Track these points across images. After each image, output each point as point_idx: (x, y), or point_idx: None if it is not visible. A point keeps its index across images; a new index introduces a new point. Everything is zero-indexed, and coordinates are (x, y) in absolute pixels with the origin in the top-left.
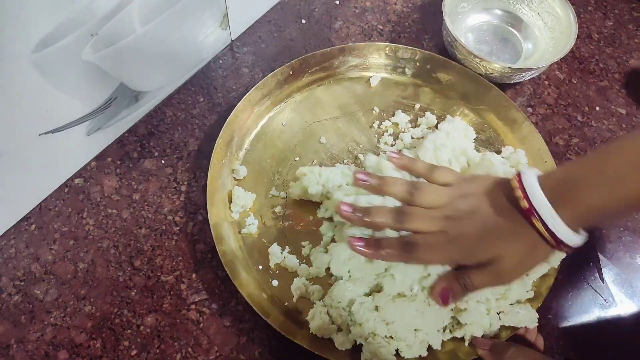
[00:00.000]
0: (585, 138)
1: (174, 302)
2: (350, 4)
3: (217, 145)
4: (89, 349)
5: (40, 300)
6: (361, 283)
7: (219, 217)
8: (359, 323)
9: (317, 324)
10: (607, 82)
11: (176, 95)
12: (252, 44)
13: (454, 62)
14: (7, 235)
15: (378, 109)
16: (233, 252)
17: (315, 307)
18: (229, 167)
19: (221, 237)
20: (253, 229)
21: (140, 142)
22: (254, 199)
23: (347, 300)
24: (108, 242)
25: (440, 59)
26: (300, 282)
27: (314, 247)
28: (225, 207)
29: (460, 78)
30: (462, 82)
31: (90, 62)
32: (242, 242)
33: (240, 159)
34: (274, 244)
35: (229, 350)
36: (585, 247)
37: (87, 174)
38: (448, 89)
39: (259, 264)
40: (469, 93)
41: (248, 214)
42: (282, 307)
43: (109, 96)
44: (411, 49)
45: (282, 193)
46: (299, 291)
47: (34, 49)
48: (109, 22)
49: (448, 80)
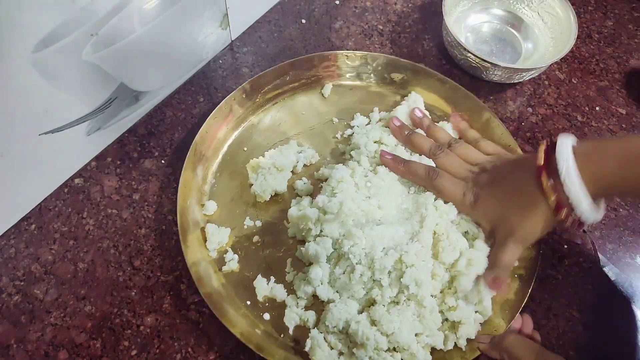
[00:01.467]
0: (586, 138)
1: (174, 302)
2: (351, 4)
3: (180, 184)
4: (89, 349)
5: (40, 300)
6: (352, 301)
7: (196, 257)
8: (360, 344)
9: (319, 355)
10: (607, 82)
11: (176, 95)
12: (252, 44)
13: (405, 60)
14: (7, 235)
15: (337, 118)
16: (217, 292)
17: (311, 336)
18: (198, 204)
19: (201, 279)
20: (234, 265)
21: (140, 142)
22: (229, 233)
23: (343, 323)
24: (108, 242)
25: (392, 59)
26: (293, 313)
27: (297, 272)
28: (200, 246)
29: (414, 75)
30: (417, 79)
31: (90, 62)
32: (225, 280)
33: (208, 194)
34: (257, 276)
35: (228, 351)
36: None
37: (87, 174)
38: (402, 88)
39: (247, 300)
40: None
41: (226, 249)
42: (279, 340)
43: (109, 96)
44: (361, 53)
45: (257, 222)
46: (293, 322)
47: (33, 48)
48: (109, 22)
49: (401, 78)
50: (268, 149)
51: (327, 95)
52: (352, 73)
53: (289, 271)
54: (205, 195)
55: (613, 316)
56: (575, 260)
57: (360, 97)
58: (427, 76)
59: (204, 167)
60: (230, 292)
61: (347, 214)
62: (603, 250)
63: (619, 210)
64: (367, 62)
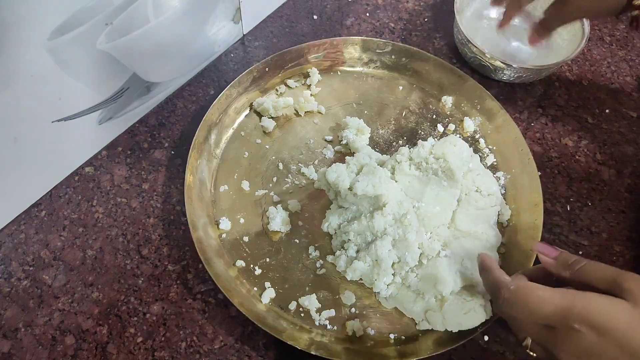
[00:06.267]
0: (595, 140)
1: (180, 291)
2: (363, 1)
3: (187, 201)
4: (96, 335)
5: (48, 285)
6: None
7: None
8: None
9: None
10: (618, 85)
11: (187, 87)
12: (263, 38)
13: (428, 54)
14: (17, 221)
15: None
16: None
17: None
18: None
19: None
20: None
21: (151, 132)
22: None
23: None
24: (117, 230)
25: (415, 51)
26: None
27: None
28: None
29: (435, 68)
30: (438, 72)
31: (104, 51)
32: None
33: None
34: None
35: (233, 340)
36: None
37: (98, 162)
38: (424, 81)
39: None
40: (445, 84)
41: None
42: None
43: (121, 86)
44: (384, 41)
45: (273, 207)
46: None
47: (49, 36)
48: (124, 12)
49: (426, 70)
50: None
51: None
52: (374, 60)
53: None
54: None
55: None
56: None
57: (380, 85)
58: (447, 71)
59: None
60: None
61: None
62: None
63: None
64: (389, 50)
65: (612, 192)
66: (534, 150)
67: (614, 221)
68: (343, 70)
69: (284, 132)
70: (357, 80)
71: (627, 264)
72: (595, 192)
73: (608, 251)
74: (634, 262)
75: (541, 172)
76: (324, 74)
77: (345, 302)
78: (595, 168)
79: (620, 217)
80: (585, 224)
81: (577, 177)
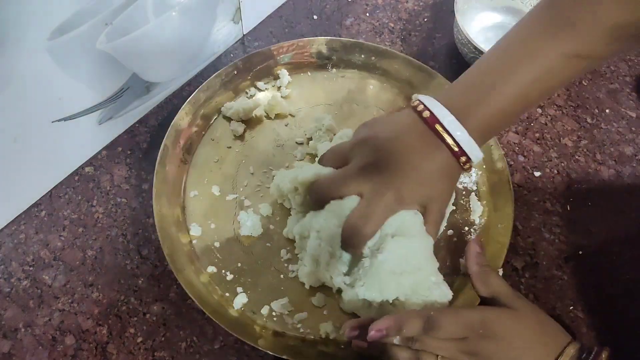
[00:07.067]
0: (594, 140)
1: (181, 291)
2: (362, 1)
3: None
4: (96, 335)
5: (48, 285)
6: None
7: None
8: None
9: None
10: (618, 85)
11: (187, 88)
12: (263, 38)
13: (396, 52)
14: (17, 221)
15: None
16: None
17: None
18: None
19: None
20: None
21: (151, 132)
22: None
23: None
24: (117, 230)
25: (383, 49)
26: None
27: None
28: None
29: (404, 66)
30: (407, 70)
31: (104, 51)
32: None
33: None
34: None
35: (233, 340)
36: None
37: (98, 162)
38: (394, 79)
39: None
40: (414, 82)
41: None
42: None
43: (121, 86)
44: (351, 40)
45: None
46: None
47: (49, 36)
48: (124, 12)
49: (395, 69)
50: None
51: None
52: (345, 60)
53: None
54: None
55: (617, 317)
56: (580, 262)
57: (352, 85)
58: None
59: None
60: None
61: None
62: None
63: None
64: (358, 49)
65: (611, 192)
66: (533, 150)
67: (613, 221)
68: (313, 71)
69: (255, 135)
70: (327, 80)
71: (626, 264)
72: (594, 192)
73: (607, 251)
74: (634, 262)
75: (541, 172)
76: (294, 75)
77: (317, 304)
78: (595, 168)
79: (620, 217)
80: (585, 224)
81: (576, 177)
